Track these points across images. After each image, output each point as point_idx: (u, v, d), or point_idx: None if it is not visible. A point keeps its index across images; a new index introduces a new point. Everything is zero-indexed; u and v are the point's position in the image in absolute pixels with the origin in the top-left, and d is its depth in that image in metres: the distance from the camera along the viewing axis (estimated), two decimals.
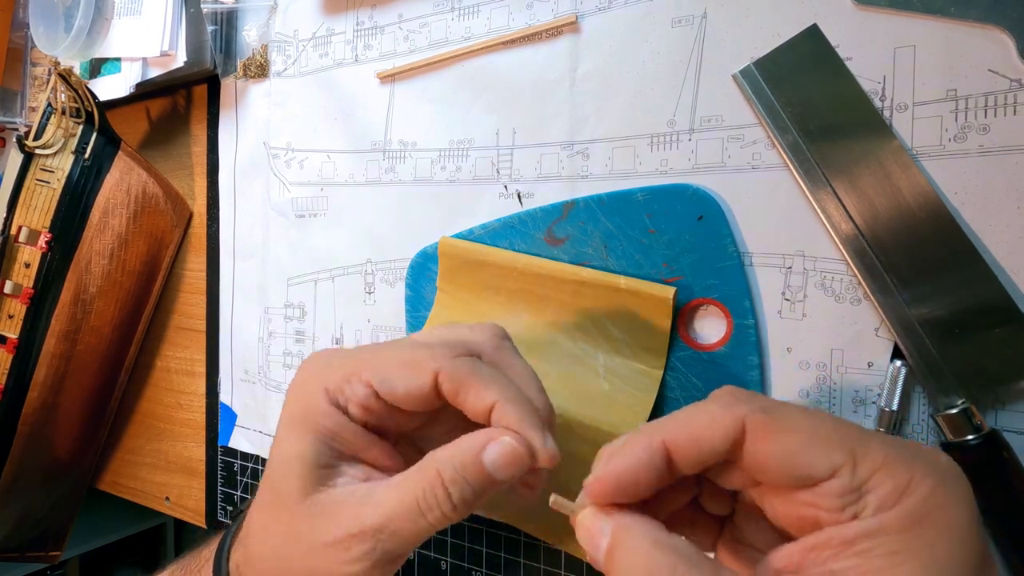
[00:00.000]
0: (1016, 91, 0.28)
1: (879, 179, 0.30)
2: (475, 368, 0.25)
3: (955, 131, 0.29)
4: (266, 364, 0.52)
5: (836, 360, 0.32)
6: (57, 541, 0.63)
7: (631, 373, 0.35)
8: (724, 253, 0.33)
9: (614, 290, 0.35)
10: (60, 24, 0.55)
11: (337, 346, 0.48)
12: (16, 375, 0.53)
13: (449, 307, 0.41)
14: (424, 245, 0.43)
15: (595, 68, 0.37)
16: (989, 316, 0.28)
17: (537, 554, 0.40)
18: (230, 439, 0.55)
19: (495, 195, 0.41)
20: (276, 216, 0.51)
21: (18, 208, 0.50)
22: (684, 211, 0.34)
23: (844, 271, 0.31)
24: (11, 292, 0.51)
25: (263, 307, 0.52)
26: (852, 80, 0.31)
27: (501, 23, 0.40)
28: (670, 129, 0.35)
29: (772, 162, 0.33)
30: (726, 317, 0.33)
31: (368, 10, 0.46)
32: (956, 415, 0.28)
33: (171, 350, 0.60)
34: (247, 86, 0.53)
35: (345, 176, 0.47)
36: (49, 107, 0.50)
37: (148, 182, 0.54)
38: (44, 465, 0.58)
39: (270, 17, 0.51)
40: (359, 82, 0.46)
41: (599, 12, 0.37)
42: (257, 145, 0.52)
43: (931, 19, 0.29)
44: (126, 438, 0.64)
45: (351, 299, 0.47)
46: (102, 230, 0.53)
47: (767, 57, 0.32)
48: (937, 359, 0.29)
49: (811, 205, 0.32)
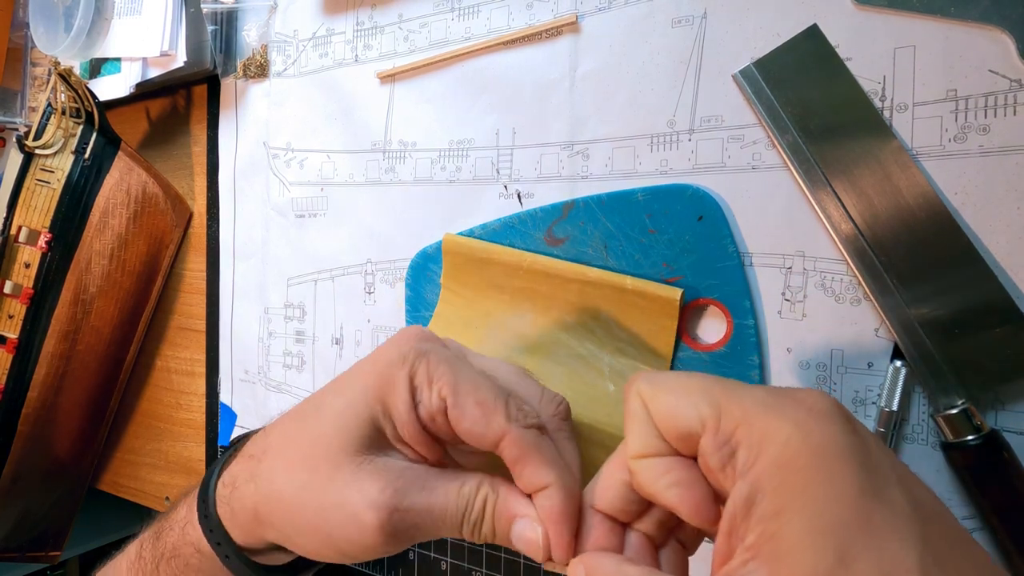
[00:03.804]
0: (1016, 91, 0.28)
1: (879, 179, 0.30)
2: (540, 445, 0.25)
3: (955, 131, 0.29)
4: (266, 364, 0.52)
5: (836, 360, 0.32)
6: (57, 541, 0.63)
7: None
8: (724, 253, 0.33)
9: (620, 290, 0.35)
10: (60, 24, 0.55)
11: (340, 348, 0.48)
12: (16, 375, 0.53)
13: (454, 304, 0.41)
14: (424, 245, 0.43)
15: (595, 68, 0.37)
16: (989, 316, 0.28)
17: None
18: (230, 439, 0.55)
19: (495, 195, 0.41)
20: (276, 216, 0.51)
21: (18, 208, 0.50)
22: (684, 211, 0.34)
23: (844, 271, 0.31)
24: (11, 292, 0.51)
25: (263, 307, 0.52)
26: (852, 80, 0.31)
27: (501, 23, 0.40)
28: (670, 129, 0.35)
29: (772, 162, 0.33)
30: (726, 317, 0.33)
31: (368, 10, 0.46)
32: (956, 415, 0.28)
33: (171, 350, 0.60)
34: (247, 86, 0.53)
35: (345, 176, 0.47)
36: (49, 107, 0.50)
37: (148, 182, 0.54)
38: (44, 465, 0.58)
39: (270, 17, 0.51)
40: (359, 82, 0.46)
41: (599, 12, 0.37)
42: (257, 145, 0.52)
43: (931, 19, 0.29)
44: (126, 438, 0.64)
45: (351, 299, 0.47)
46: (102, 230, 0.53)
47: (767, 57, 0.32)
48: (937, 359, 0.29)
49: (811, 205, 0.32)
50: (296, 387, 0.50)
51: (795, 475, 0.17)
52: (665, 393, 0.21)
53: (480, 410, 0.25)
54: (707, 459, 0.20)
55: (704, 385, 0.20)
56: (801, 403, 0.19)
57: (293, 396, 0.51)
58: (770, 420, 0.18)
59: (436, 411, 0.25)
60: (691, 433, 0.20)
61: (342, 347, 0.48)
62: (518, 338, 0.38)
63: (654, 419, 0.21)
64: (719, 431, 0.19)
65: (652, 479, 0.21)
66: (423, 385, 0.25)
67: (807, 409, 0.19)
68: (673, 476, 0.20)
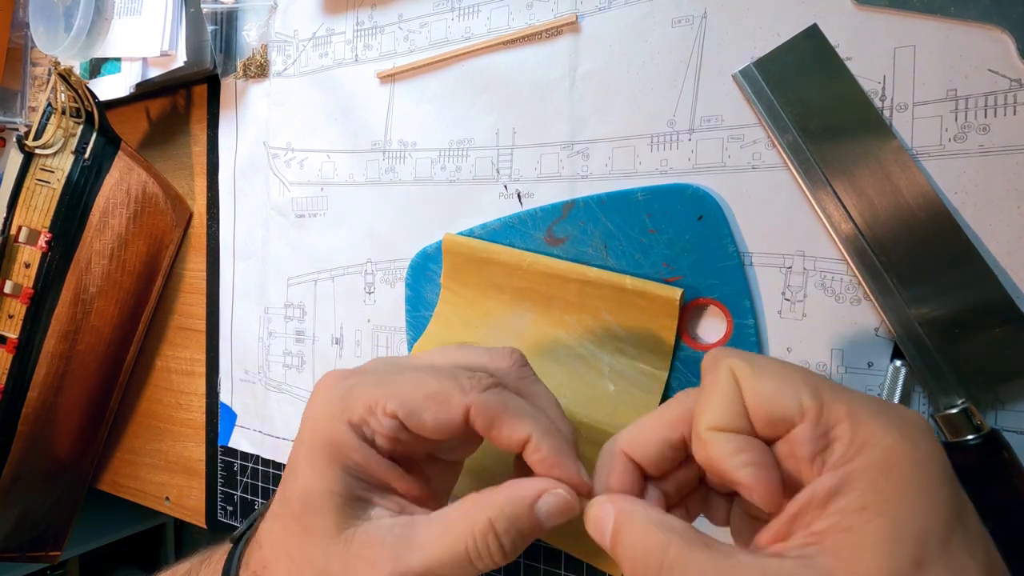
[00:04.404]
0: (1016, 91, 0.28)
1: (879, 179, 0.30)
2: (506, 401, 0.24)
3: (955, 131, 0.29)
4: (266, 364, 0.52)
5: (836, 360, 0.32)
6: (57, 541, 0.63)
7: (636, 375, 0.35)
8: (724, 253, 0.33)
9: (620, 290, 0.35)
10: (60, 24, 0.55)
11: (340, 348, 0.48)
12: (16, 375, 0.53)
13: (454, 304, 0.41)
14: (424, 245, 0.43)
15: (595, 68, 0.37)
16: (989, 316, 0.28)
17: (537, 554, 0.40)
18: (230, 439, 0.55)
19: (495, 195, 0.41)
20: (276, 216, 0.51)
21: (18, 208, 0.50)
22: (684, 211, 0.34)
23: (844, 271, 0.31)
24: (11, 292, 0.51)
25: (263, 307, 0.52)
26: (852, 80, 0.31)
27: (501, 23, 0.40)
28: (670, 129, 0.35)
29: (772, 162, 0.33)
30: (726, 317, 0.33)
31: (368, 10, 0.46)
32: (956, 415, 0.28)
33: (171, 350, 0.60)
34: (247, 86, 0.53)
35: (345, 176, 0.47)
36: (49, 107, 0.50)
37: (148, 182, 0.54)
38: (44, 465, 0.58)
39: (270, 17, 0.51)
40: (359, 82, 0.46)
41: (599, 12, 0.37)
42: (257, 145, 0.52)
43: (931, 19, 0.29)
44: (126, 438, 0.64)
45: (351, 299, 0.47)
46: (102, 230, 0.53)
47: (767, 57, 0.32)
48: (937, 359, 0.29)
49: (811, 205, 0.32)
50: (296, 387, 0.51)
51: (892, 481, 0.18)
52: (767, 376, 0.21)
53: (434, 401, 0.24)
54: (798, 446, 0.20)
55: (805, 376, 0.21)
56: (905, 416, 0.20)
57: (293, 396, 0.51)
58: (877, 424, 0.19)
59: (394, 431, 0.24)
60: (786, 419, 0.20)
61: (342, 347, 0.48)
62: (518, 338, 0.38)
63: (746, 397, 0.21)
64: (819, 423, 0.20)
65: (727, 454, 0.21)
66: (367, 417, 0.24)
67: (911, 423, 0.19)
68: (749, 456, 0.20)
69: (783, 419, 0.20)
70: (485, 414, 0.24)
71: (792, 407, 0.20)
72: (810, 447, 0.20)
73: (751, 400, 0.21)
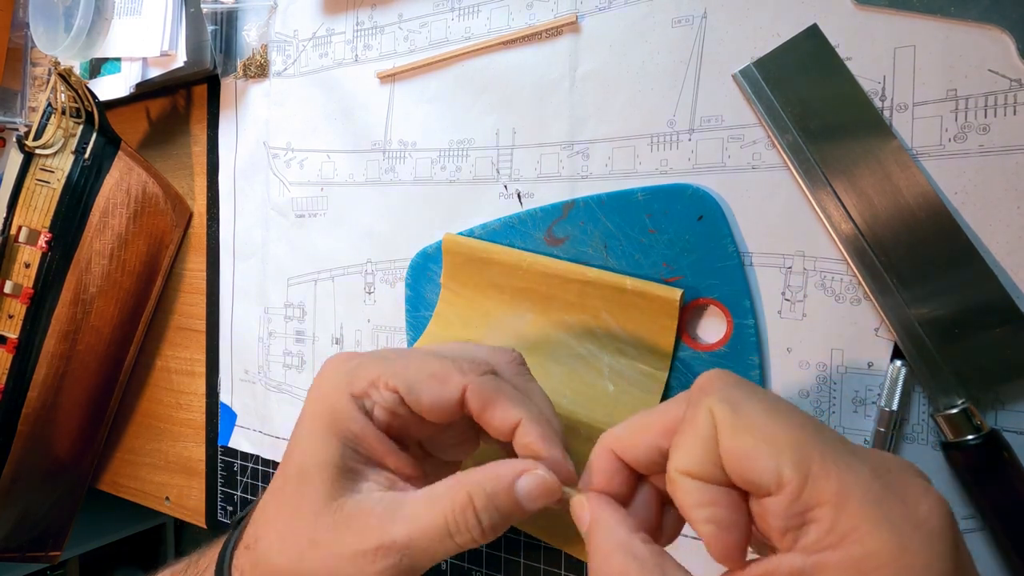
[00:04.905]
0: (1016, 91, 0.28)
1: (879, 179, 0.30)
2: (500, 386, 0.25)
3: (955, 131, 0.29)
4: (266, 364, 0.52)
5: (836, 360, 0.32)
6: (57, 541, 0.63)
7: (636, 375, 0.35)
8: (724, 253, 0.33)
9: (620, 291, 0.35)
10: (60, 24, 0.55)
11: (340, 348, 0.48)
12: (16, 375, 0.53)
13: (454, 304, 0.41)
14: (424, 245, 0.43)
15: (595, 68, 0.37)
16: (989, 316, 0.28)
17: (537, 554, 0.40)
18: (230, 439, 0.55)
19: (495, 195, 0.41)
20: (276, 216, 0.51)
21: (18, 208, 0.50)
22: (684, 211, 0.34)
23: (844, 271, 0.31)
24: (11, 292, 0.51)
25: (263, 307, 0.52)
26: (852, 80, 0.31)
27: (501, 23, 0.40)
28: (670, 129, 0.35)
29: (772, 162, 0.33)
30: (726, 317, 0.33)
31: (368, 10, 0.46)
32: (956, 415, 0.28)
33: (171, 350, 0.60)
34: (247, 86, 0.53)
35: (345, 176, 0.47)
36: (49, 107, 0.50)
37: (148, 182, 0.54)
38: (44, 465, 0.58)
39: (270, 17, 0.51)
40: (359, 82, 0.46)
41: (599, 12, 0.37)
42: (257, 145, 0.52)
43: (931, 19, 0.29)
44: (126, 438, 0.64)
45: (351, 299, 0.47)
46: (102, 230, 0.53)
47: (767, 57, 0.32)
48: (937, 359, 0.29)
49: (811, 205, 0.32)
50: (296, 387, 0.51)
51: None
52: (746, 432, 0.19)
53: (434, 379, 0.25)
54: (769, 519, 0.18)
55: (795, 439, 0.18)
56: (913, 510, 0.17)
57: (293, 396, 0.51)
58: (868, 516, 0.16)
59: (393, 405, 0.25)
60: (760, 486, 0.18)
61: (342, 347, 0.48)
62: (518, 338, 0.38)
63: (721, 452, 0.19)
64: (797, 500, 0.17)
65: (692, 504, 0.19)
66: (369, 390, 0.25)
67: (915, 523, 0.17)
68: (713, 512, 0.19)
69: (756, 485, 0.18)
70: (480, 396, 0.24)
71: (768, 475, 0.18)
72: (782, 523, 0.18)
73: (725, 456, 0.19)
